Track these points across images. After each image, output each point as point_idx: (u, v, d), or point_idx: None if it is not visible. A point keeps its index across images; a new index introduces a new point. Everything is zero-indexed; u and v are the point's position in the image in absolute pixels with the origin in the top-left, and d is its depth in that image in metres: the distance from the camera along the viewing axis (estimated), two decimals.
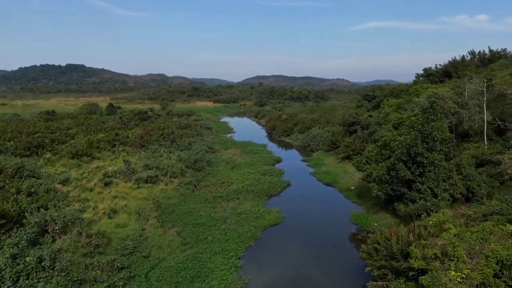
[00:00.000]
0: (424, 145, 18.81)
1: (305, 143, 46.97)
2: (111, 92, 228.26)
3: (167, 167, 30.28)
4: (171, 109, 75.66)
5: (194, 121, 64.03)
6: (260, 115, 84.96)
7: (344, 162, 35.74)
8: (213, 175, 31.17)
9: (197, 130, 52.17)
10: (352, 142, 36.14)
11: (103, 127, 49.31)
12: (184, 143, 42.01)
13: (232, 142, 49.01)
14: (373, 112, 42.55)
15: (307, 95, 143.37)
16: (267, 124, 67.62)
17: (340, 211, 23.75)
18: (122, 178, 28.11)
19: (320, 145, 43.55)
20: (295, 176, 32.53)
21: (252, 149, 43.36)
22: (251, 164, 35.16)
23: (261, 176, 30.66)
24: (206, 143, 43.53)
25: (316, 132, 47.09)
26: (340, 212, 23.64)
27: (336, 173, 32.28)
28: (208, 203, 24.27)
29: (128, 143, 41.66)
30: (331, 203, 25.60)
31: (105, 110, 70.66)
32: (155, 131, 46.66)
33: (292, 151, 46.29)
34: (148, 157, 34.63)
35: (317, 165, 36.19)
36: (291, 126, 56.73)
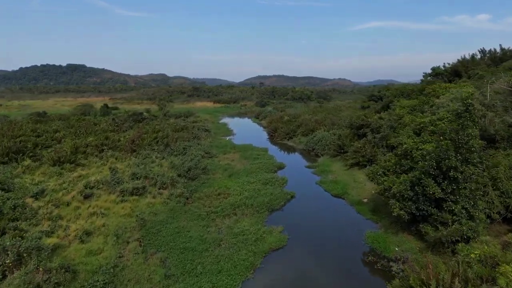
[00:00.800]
0: (458, 156, 15.58)
1: (309, 147, 43.76)
2: (110, 92, 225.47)
3: (157, 176, 27.12)
4: (168, 110, 72.55)
5: (191, 122, 60.88)
6: (261, 116, 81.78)
7: (353, 169, 32.52)
8: (209, 185, 28.00)
9: (194, 133, 49.02)
10: (361, 147, 32.90)
11: (94, 130, 46.22)
12: (178, 147, 38.87)
13: (231, 145, 45.84)
14: (383, 113, 39.31)
15: (310, 95, 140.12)
16: (268, 126, 64.45)
17: (352, 230, 20.55)
18: (105, 189, 24.99)
19: (326, 149, 40.33)
20: (300, 185, 29.35)
21: (253, 153, 40.19)
22: (251, 172, 31.96)
23: (261, 186, 27.46)
24: (202, 147, 40.38)
25: (321, 135, 43.87)
26: (352, 231, 20.43)
27: (345, 182, 29.05)
28: (200, 220, 21.09)
29: (119, 147, 38.59)
30: (341, 220, 22.37)
31: (99, 111, 67.59)
32: (148, 134, 43.54)
33: (296, 156, 43.08)
34: (138, 164, 31.51)
35: (323, 172, 32.98)
36: (294, 128, 53.52)
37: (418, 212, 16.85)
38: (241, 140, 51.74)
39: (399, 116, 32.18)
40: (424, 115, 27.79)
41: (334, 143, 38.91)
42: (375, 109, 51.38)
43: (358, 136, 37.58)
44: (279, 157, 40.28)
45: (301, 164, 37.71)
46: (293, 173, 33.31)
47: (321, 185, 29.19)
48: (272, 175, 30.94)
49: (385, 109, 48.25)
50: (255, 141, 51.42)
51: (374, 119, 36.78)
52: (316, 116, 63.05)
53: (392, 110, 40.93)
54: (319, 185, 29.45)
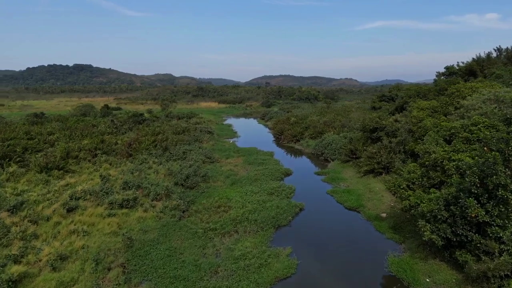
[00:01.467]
0: (508, 172, 12.70)
1: (318, 150, 40.90)
2: (116, 92, 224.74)
3: (151, 185, 24.51)
4: (171, 110, 70.12)
5: (194, 124, 58.34)
6: (267, 117, 79.07)
7: (368, 177, 29.62)
8: (208, 195, 25.32)
9: (196, 135, 46.43)
10: (376, 153, 30.00)
11: (91, 132, 43.85)
12: (178, 151, 36.29)
13: (234, 149, 43.18)
14: (398, 115, 36.33)
15: (317, 95, 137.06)
16: (274, 128, 61.70)
17: (371, 253, 17.70)
18: (93, 201, 22.46)
19: (336, 154, 37.46)
20: (309, 195, 26.56)
21: (257, 158, 37.46)
22: (255, 179, 29.23)
23: (266, 196, 24.70)
24: (204, 151, 37.74)
25: (330, 138, 40.98)
26: (371, 253, 17.59)
27: (360, 193, 26.19)
28: (196, 239, 18.43)
29: (116, 151, 36.14)
30: (358, 239, 19.51)
31: (99, 112, 65.38)
32: (147, 136, 41.05)
33: (303, 161, 40.26)
34: (133, 170, 28.96)
35: (334, 180, 30.14)
36: (301, 130, 50.69)
37: (455, 238, 13.99)
38: (245, 143, 49.11)
39: (417, 118, 29.21)
40: (449, 118, 24.86)
41: (345, 148, 36.03)
42: (388, 111, 48.37)
43: (372, 140, 34.65)
44: (286, 162, 37.51)
45: (309, 170, 34.90)
46: (301, 181, 30.54)
47: (332, 195, 26.35)
48: (278, 183, 28.15)
49: (399, 111, 45.23)
50: (260, 143, 48.75)
51: (389, 122, 33.83)
52: (325, 117, 60.15)
53: (408, 112, 37.91)
54: (330, 195, 26.61)
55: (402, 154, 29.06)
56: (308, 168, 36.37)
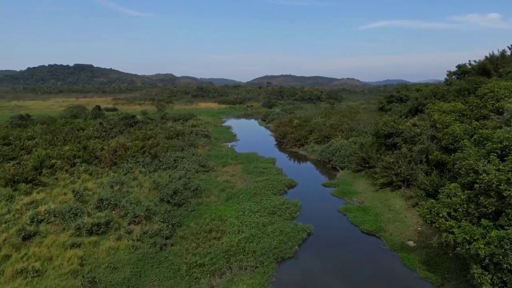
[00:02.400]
0: None
1: (324, 157, 36.95)
2: (115, 92, 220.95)
3: (129, 204, 20.63)
4: (166, 112, 66.31)
5: (190, 126, 54.47)
6: (268, 119, 75.12)
7: (385, 191, 25.66)
8: (199, 214, 21.43)
9: (191, 140, 42.55)
10: (394, 163, 26.05)
11: (75, 136, 40.03)
12: (169, 159, 32.42)
13: (232, 155, 39.29)
14: (414, 118, 32.35)
15: (319, 95, 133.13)
16: (276, 130, 57.83)
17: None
18: (58, 224, 18.65)
19: (346, 161, 33.50)
20: (317, 214, 22.66)
21: (258, 166, 33.55)
22: (254, 193, 25.30)
23: (267, 217, 20.79)
24: (198, 158, 33.82)
25: (338, 144, 37.02)
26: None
27: (377, 211, 22.24)
28: (178, 280, 14.54)
29: (99, 158, 32.32)
30: (382, 278, 15.54)
31: (90, 114, 61.58)
32: (136, 142, 37.19)
33: (309, 169, 36.33)
34: (113, 184, 25.07)
35: (346, 194, 26.19)
36: (305, 134, 46.77)
37: None
38: (245, 147, 45.24)
39: (443, 123, 25.23)
40: (484, 124, 20.91)
41: (356, 155, 32.07)
42: (401, 113, 44.36)
43: (386, 147, 30.66)
44: (289, 170, 33.59)
45: (316, 181, 30.96)
46: (307, 195, 26.62)
47: (345, 214, 22.40)
48: (281, 199, 24.20)
49: (413, 113, 41.26)
50: (261, 148, 44.89)
51: (407, 127, 29.84)
52: (330, 119, 56.23)
53: (426, 115, 33.94)
54: (342, 213, 22.66)
55: (425, 164, 25.10)
56: (314, 178, 32.44)
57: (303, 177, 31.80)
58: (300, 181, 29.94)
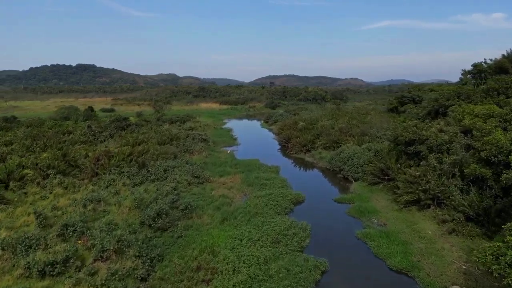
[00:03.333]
0: None
1: (334, 165, 32.90)
2: (116, 92, 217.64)
3: (100, 232, 16.71)
4: (163, 113, 62.47)
5: (187, 129, 50.57)
6: (271, 120, 71.10)
7: (410, 211, 21.57)
8: (186, 243, 17.47)
9: (186, 145, 38.60)
10: (421, 177, 21.96)
11: (57, 142, 36.21)
12: (158, 169, 28.50)
13: (232, 162, 35.36)
14: (441, 123, 28.22)
15: (324, 95, 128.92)
16: (279, 133, 53.89)
17: None
18: (6, 260, 14.78)
19: (360, 171, 29.43)
20: (331, 241, 18.70)
21: (259, 176, 29.57)
22: (255, 213, 21.31)
23: (270, 248, 16.77)
24: (191, 167, 29.83)
25: (350, 150, 32.94)
26: None
27: (405, 238, 18.17)
28: None
29: (80, 168, 28.51)
30: None
31: (82, 115, 57.86)
32: (123, 148, 33.33)
33: (317, 179, 32.29)
34: (87, 201, 21.16)
35: (363, 213, 22.12)
36: (312, 138, 42.71)
37: None
38: (246, 153, 41.32)
39: (481, 131, 21.13)
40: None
41: (373, 165, 27.99)
42: (417, 115, 40.21)
43: (408, 156, 26.54)
44: (295, 181, 29.60)
45: (327, 195, 26.91)
46: (317, 213, 22.63)
47: (365, 242, 18.36)
48: (287, 221, 20.16)
49: (433, 116, 37.12)
50: (263, 153, 40.98)
51: (432, 133, 25.74)
52: (338, 122, 52.16)
53: (453, 119, 29.81)
54: (361, 240, 18.63)
55: (459, 179, 21.00)
56: (324, 191, 28.41)
57: (311, 190, 27.78)
58: (308, 195, 25.93)
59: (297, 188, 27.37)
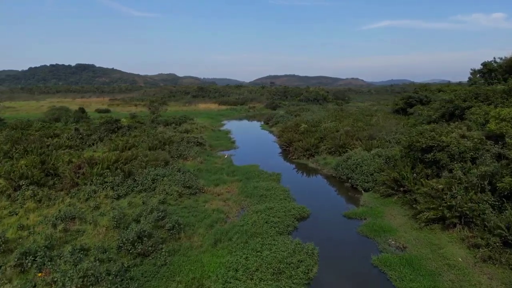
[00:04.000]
0: None
1: (341, 173, 30.04)
2: (114, 92, 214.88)
3: (64, 262, 13.83)
4: (158, 115, 59.60)
5: (182, 132, 47.72)
6: (272, 122, 68.27)
7: (433, 230, 18.64)
8: (170, 274, 14.59)
9: (180, 150, 35.72)
10: (445, 190, 19.06)
11: (38, 147, 33.35)
12: (146, 178, 25.60)
13: (229, 168, 32.51)
14: (463, 128, 25.33)
15: (326, 96, 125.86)
16: (280, 136, 51.06)
17: None
18: None
19: (370, 181, 26.53)
20: (343, 269, 15.81)
21: (259, 186, 26.69)
22: (253, 233, 18.40)
23: (270, 282, 13.88)
24: (184, 176, 26.91)
25: (358, 156, 30.03)
26: None
27: (431, 267, 15.27)
28: None
29: (60, 176, 25.66)
30: None
31: (72, 117, 54.98)
32: (109, 154, 30.51)
33: (323, 188, 29.38)
34: (58, 219, 18.29)
35: (377, 232, 19.21)
36: (315, 142, 39.82)
37: None
38: (244, 157, 38.50)
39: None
40: None
41: (385, 174, 25.09)
42: (430, 118, 37.32)
43: (424, 164, 23.65)
44: (298, 190, 26.75)
45: (334, 208, 24.01)
46: (325, 232, 19.77)
47: (384, 271, 15.45)
48: (290, 244, 17.23)
49: (447, 119, 34.25)
50: (263, 158, 38.23)
51: (452, 139, 22.84)
52: (342, 123, 49.34)
53: (474, 122, 26.93)
54: (379, 268, 15.73)
55: (489, 194, 18.11)
56: (331, 203, 25.49)
57: (317, 202, 24.89)
58: (313, 208, 23.04)
59: (301, 200, 24.53)
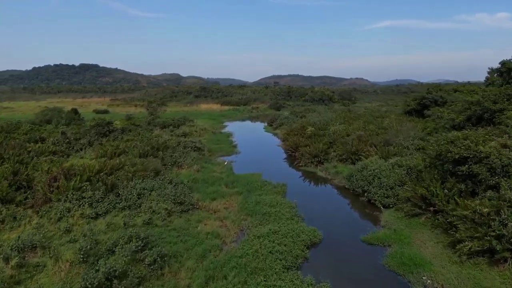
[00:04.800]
0: None
1: (355, 185, 26.38)
2: (117, 92, 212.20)
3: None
4: (154, 117, 56.20)
5: (179, 136, 44.27)
6: (276, 124, 64.66)
7: (479, 266, 14.96)
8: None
9: (174, 157, 32.23)
10: (492, 215, 15.39)
11: (17, 153, 30.03)
12: (131, 193, 22.10)
13: (228, 178, 29.00)
14: (505, 136, 21.68)
15: (331, 96, 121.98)
16: (285, 139, 47.55)
17: None
18: None
19: (391, 195, 22.85)
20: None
21: (261, 201, 23.13)
22: (254, 268, 14.83)
23: None
24: (175, 189, 23.39)
25: (375, 166, 26.32)
26: None
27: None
28: None
29: (33, 189, 22.30)
30: None
31: (64, 118, 51.74)
32: (92, 165, 27.12)
33: (335, 203, 25.71)
34: (10, 254, 14.87)
35: (407, 266, 15.53)
36: (324, 147, 36.19)
37: None
38: (246, 163, 35.06)
39: None
40: None
41: (409, 189, 21.42)
42: (453, 121, 33.52)
43: (456, 178, 19.97)
44: (307, 206, 23.16)
45: (350, 230, 20.34)
46: (342, 264, 16.18)
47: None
48: (301, 284, 13.67)
49: (474, 123, 30.48)
50: (266, 164, 34.75)
51: (493, 148, 19.16)
52: (351, 126, 45.71)
53: (511, 128, 23.20)
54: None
55: None
56: (346, 222, 21.85)
57: (329, 221, 21.31)
58: (326, 229, 19.45)
59: (310, 218, 21.00)
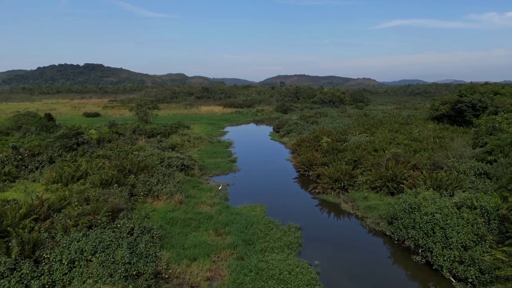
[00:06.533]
0: None
1: (402, 234, 18.06)
2: (118, 92, 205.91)
3: None
4: (138, 124, 48.25)
5: (166, 148, 36.23)
6: (283, 130, 56.39)
7: None
8: None
9: (149, 183, 23.97)
10: None
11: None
12: (60, 258, 14.06)
13: (220, 214, 20.94)
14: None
15: (342, 97, 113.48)
16: (295, 151, 39.60)
17: None
18: None
19: (469, 263, 14.52)
20: None
21: (266, 266, 14.98)
22: None
23: None
24: (133, 249, 15.36)
25: (433, 208, 17.92)
26: None
27: None
28: None
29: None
30: None
31: (35, 125, 44.02)
32: (22, 210, 19.19)
33: (372, 262, 17.38)
34: None
35: None
36: (348, 168, 27.87)
37: None
38: (247, 188, 27.05)
39: None
40: None
41: (506, 259, 13.09)
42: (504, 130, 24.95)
43: None
44: (332, 269, 14.98)
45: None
46: None
47: None
48: None
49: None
50: (272, 189, 26.77)
51: None
52: (377, 136, 37.56)
53: None
54: None
55: None
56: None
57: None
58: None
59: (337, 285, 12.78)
